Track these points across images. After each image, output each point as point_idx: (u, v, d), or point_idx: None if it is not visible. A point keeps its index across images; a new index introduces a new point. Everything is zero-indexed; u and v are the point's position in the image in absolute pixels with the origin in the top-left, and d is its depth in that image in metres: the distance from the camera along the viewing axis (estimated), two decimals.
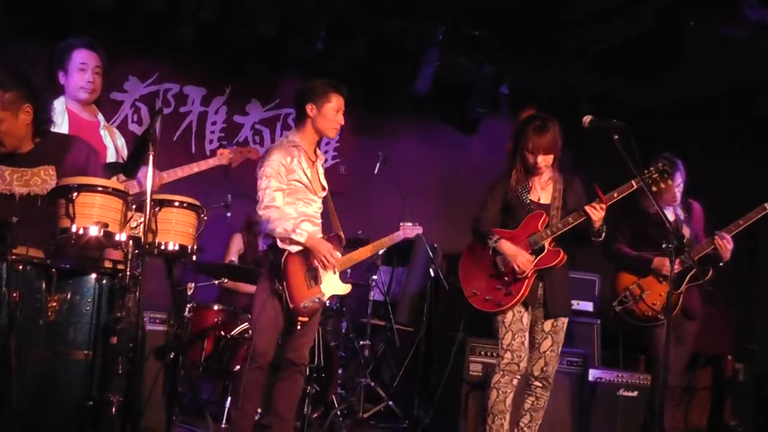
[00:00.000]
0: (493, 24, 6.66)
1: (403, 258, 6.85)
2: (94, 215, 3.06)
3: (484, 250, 4.32)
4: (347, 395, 5.91)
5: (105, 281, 3.22)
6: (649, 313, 4.98)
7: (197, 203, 3.40)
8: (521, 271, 4.18)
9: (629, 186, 4.22)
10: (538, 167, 4.29)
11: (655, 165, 4.23)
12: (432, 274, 6.09)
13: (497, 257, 4.24)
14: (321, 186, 4.39)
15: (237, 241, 6.22)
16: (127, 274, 3.09)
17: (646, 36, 6.20)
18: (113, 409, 3.07)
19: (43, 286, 3.10)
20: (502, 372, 4.23)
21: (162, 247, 3.26)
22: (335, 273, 4.36)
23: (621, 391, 5.42)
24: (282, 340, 4.31)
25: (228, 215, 5.77)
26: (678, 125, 7.13)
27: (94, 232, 3.04)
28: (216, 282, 5.79)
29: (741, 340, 6.60)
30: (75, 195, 3.04)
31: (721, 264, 4.95)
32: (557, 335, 4.31)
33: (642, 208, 5.06)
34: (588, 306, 6.47)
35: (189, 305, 5.08)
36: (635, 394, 5.32)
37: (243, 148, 4.92)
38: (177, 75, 6.98)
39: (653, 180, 4.18)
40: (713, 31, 5.91)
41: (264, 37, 6.44)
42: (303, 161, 4.26)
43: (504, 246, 4.22)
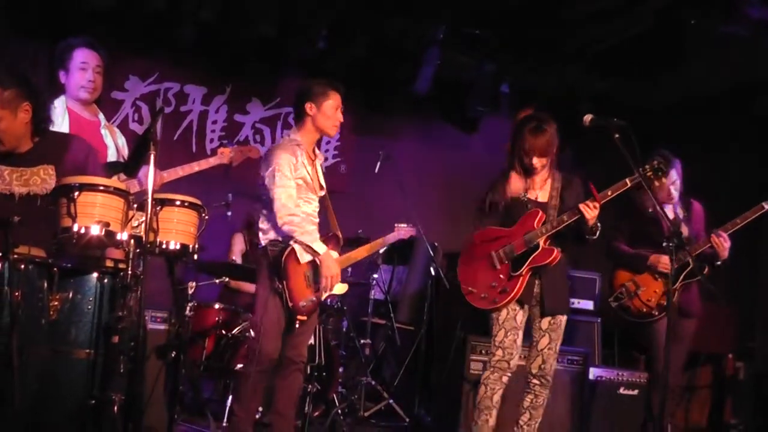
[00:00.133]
0: (493, 24, 6.67)
1: (404, 257, 6.86)
2: (95, 214, 3.06)
3: (480, 248, 4.35)
4: (348, 394, 5.91)
5: (106, 280, 3.22)
6: (644, 310, 4.99)
7: (198, 202, 3.41)
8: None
9: (623, 184, 4.22)
10: (534, 167, 4.31)
11: (650, 163, 4.23)
12: (432, 272, 6.10)
13: None
14: (320, 185, 4.41)
15: (239, 241, 6.23)
16: (129, 273, 3.10)
17: (646, 36, 6.21)
18: (115, 408, 3.08)
19: (45, 285, 3.10)
20: (492, 369, 4.26)
21: (163, 246, 3.26)
22: None
23: (621, 390, 5.42)
24: (281, 338, 4.33)
25: (229, 214, 5.78)
26: (678, 125, 7.13)
27: (95, 231, 3.05)
28: (217, 281, 5.80)
29: (741, 338, 6.60)
30: (76, 194, 3.04)
31: (720, 263, 4.95)
32: (555, 333, 4.31)
33: (639, 206, 5.07)
34: (588, 305, 6.47)
35: (190, 304, 5.09)
36: (636, 392, 5.32)
37: (244, 147, 4.92)
38: (177, 74, 6.98)
39: (647, 178, 4.18)
40: (713, 31, 5.92)
41: (264, 37, 6.45)
42: (305, 160, 4.29)
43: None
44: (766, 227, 6.57)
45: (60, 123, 4.20)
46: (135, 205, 3.23)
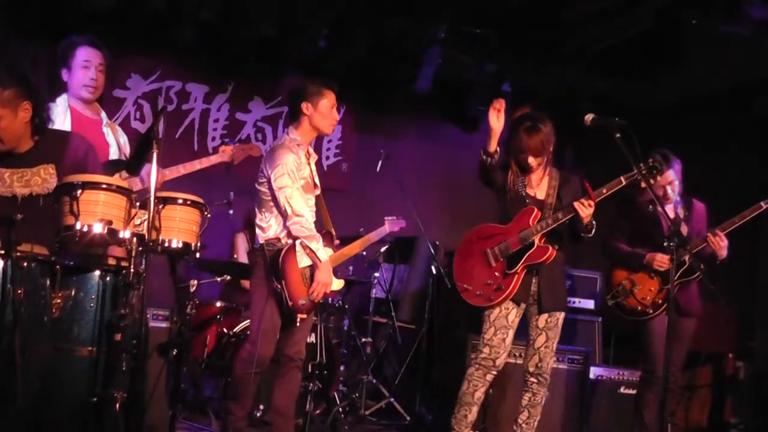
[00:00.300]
0: (494, 24, 6.67)
1: (405, 255, 6.86)
2: (98, 212, 3.06)
3: (476, 245, 4.36)
4: (349, 392, 5.92)
5: (109, 278, 3.22)
6: (639, 308, 4.99)
7: (201, 201, 3.41)
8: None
9: (618, 182, 4.22)
10: (530, 166, 4.33)
11: (646, 162, 4.23)
12: (434, 271, 6.10)
13: None
14: (315, 184, 4.44)
15: (242, 241, 6.22)
16: (131, 271, 3.11)
17: (646, 36, 6.21)
18: (117, 406, 3.07)
19: (48, 283, 3.10)
20: (477, 365, 4.29)
21: (165, 245, 3.27)
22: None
23: (622, 389, 5.44)
24: (279, 336, 4.36)
25: (230, 212, 5.78)
26: (678, 125, 7.13)
27: (98, 229, 3.05)
28: (219, 279, 5.81)
29: (742, 337, 6.61)
30: (79, 192, 3.04)
31: (719, 262, 4.95)
32: (551, 331, 4.32)
33: (639, 205, 5.07)
34: (589, 304, 6.48)
35: (192, 302, 5.09)
36: (636, 392, 5.32)
37: (245, 145, 4.92)
38: (179, 72, 6.99)
39: (642, 176, 4.17)
40: (714, 31, 5.92)
41: (265, 37, 6.46)
42: (304, 159, 4.32)
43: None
44: (765, 227, 6.59)
45: (62, 121, 4.21)
46: (137, 203, 3.24)
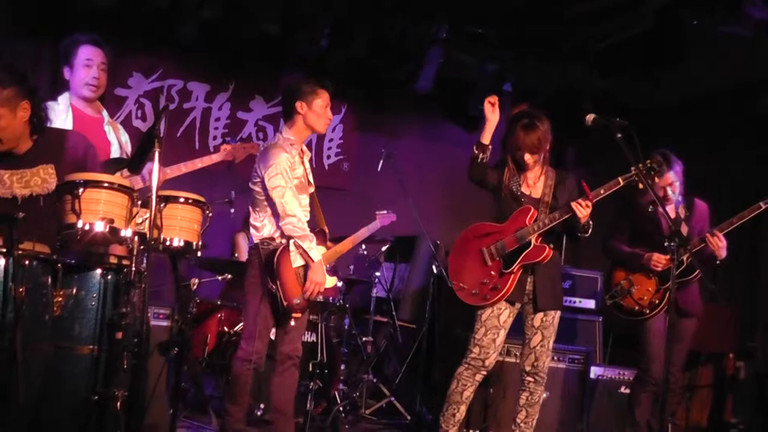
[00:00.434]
0: (495, 23, 6.67)
1: (406, 254, 6.86)
2: (99, 211, 3.08)
3: (471, 243, 4.35)
4: (349, 391, 5.92)
5: (110, 277, 3.23)
6: (636, 308, 4.99)
7: (202, 199, 3.42)
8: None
9: (616, 183, 4.22)
10: (526, 164, 4.33)
11: (644, 162, 4.22)
12: (435, 270, 6.10)
13: None
14: (308, 182, 4.45)
15: (243, 240, 6.21)
16: (132, 269, 3.11)
17: (647, 35, 6.21)
18: (118, 404, 3.08)
19: (49, 281, 3.11)
20: (466, 365, 4.31)
21: (167, 243, 3.28)
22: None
23: (623, 389, 5.44)
24: (275, 335, 4.38)
25: (232, 211, 5.77)
26: (679, 124, 7.13)
27: (99, 227, 3.06)
28: (220, 278, 5.80)
29: (742, 337, 6.61)
30: (81, 191, 3.05)
31: (718, 262, 4.95)
32: (547, 330, 4.31)
33: (639, 205, 5.07)
34: (590, 303, 6.47)
35: (193, 301, 5.08)
36: (630, 390, 5.32)
37: (246, 143, 4.93)
38: (181, 71, 6.99)
39: (640, 177, 4.15)
40: (715, 30, 5.91)
41: (266, 36, 6.45)
42: (297, 158, 4.34)
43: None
44: (766, 226, 6.58)
45: (63, 119, 4.21)
46: (139, 202, 3.25)
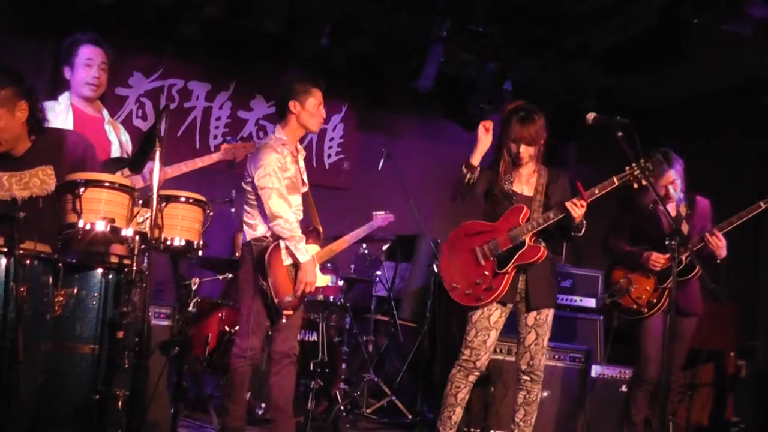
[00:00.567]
0: (496, 21, 6.67)
1: (407, 253, 6.86)
2: (100, 210, 3.07)
3: (463, 242, 4.34)
4: (351, 390, 5.93)
5: (111, 276, 3.23)
6: (634, 307, 4.99)
7: (203, 199, 3.41)
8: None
9: (610, 182, 4.19)
10: (520, 157, 4.28)
11: (645, 161, 4.21)
12: (435, 269, 6.10)
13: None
14: (302, 181, 4.45)
15: None
16: (133, 269, 3.11)
17: (649, 33, 6.21)
18: (119, 403, 3.08)
19: (50, 280, 3.11)
20: (459, 367, 4.29)
21: (168, 243, 3.27)
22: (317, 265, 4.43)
23: (623, 388, 5.44)
24: (271, 333, 4.39)
25: (232, 210, 5.77)
26: (681, 122, 7.13)
27: (100, 227, 3.05)
28: (220, 277, 5.81)
29: (743, 336, 6.61)
30: (82, 190, 3.05)
31: (718, 261, 4.94)
32: (541, 329, 4.29)
33: (639, 203, 5.06)
34: (591, 302, 6.48)
35: (193, 300, 5.10)
36: (627, 389, 5.33)
37: (247, 143, 4.90)
38: (181, 70, 6.99)
39: (635, 177, 4.14)
40: (716, 29, 5.91)
41: (268, 34, 6.46)
42: (290, 158, 4.34)
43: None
44: (767, 225, 6.58)
45: (64, 119, 4.21)
46: (140, 201, 3.25)
